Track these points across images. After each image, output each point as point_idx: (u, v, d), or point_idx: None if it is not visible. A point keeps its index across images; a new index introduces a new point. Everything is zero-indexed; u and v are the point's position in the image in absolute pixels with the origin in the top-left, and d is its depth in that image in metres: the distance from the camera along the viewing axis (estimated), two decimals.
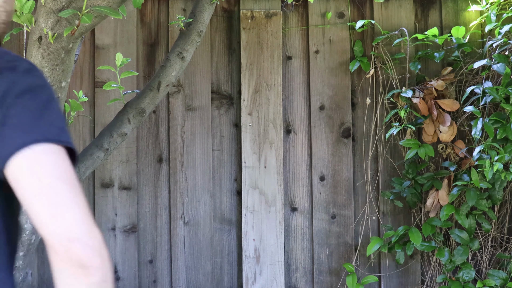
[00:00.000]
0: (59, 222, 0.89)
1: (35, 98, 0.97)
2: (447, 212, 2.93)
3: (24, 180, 0.90)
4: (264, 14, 3.11)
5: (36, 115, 0.94)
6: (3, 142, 0.92)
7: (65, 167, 0.93)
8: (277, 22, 3.11)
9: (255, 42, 3.09)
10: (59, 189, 0.91)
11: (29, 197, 0.90)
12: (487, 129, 2.73)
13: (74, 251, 0.89)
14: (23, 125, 0.92)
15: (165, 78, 2.24)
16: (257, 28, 3.11)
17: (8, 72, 0.98)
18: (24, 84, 0.97)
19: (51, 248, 0.90)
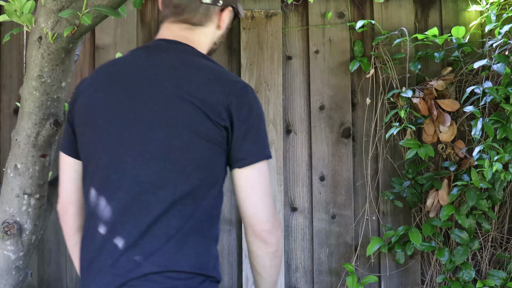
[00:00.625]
0: (266, 215, 1.46)
1: (262, 122, 1.47)
2: (447, 212, 2.93)
3: (252, 182, 1.45)
4: (264, 14, 3.11)
5: (263, 137, 1.47)
6: (250, 151, 1.45)
7: (268, 175, 1.48)
8: (277, 22, 3.11)
9: (255, 42, 3.09)
10: (267, 192, 1.47)
11: (251, 192, 1.45)
12: (487, 129, 2.73)
13: (263, 233, 1.47)
14: (261, 142, 1.46)
15: None
16: (257, 28, 3.11)
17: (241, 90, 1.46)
18: (256, 107, 1.46)
19: (251, 227, 1.48)
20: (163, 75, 1.46)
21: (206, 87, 1.44)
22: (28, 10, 1.69)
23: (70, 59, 1.80)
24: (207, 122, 1.42)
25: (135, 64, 1.51)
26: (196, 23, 1.55)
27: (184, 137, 1.41)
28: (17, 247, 1.95)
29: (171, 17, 1.56)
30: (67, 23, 1.69)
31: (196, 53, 1.54)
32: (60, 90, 1.83)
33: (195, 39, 1.55)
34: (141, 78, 1.47)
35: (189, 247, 1.41)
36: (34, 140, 1.86)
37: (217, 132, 1.42)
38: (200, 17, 1.55)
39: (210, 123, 1.42)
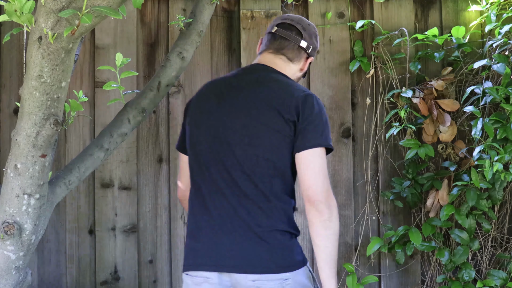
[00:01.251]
0: (320, 188, 1.83)
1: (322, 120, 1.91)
2: (447, 212, 2.93)
3: (314, 162, 1.85)
4: (264, 14, 3.11)
5: (321, 131, 1.88)
6: (308, 138, 1.86)
7: (325, 160, 1.87)
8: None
9: (255, 42, 3.09)
10: (324, 171, 1.85)
11: (313, 173, 1.84)
12: (487, 129, 2.73)
13: (321, 200, 1.82)
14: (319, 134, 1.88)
15: (165, 78, 2.24)
16: (257, 28, 3.11)
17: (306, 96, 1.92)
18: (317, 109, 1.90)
19: (307, 197, 1.84)
20: (251, 86, 1.96)
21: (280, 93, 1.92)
22: (28, 10, 1.69)
23: (70, 59, 1.80)
24: (279, 118, 1.89)
25: (232, 79, 2.03)
26: (289, 58, 2.06)
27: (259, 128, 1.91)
28: (17, 247, 1.95)
29: (272, 50, 2.07)
30: (67, 23, 1.69)
31: (280, 73, 2.02)
32: (60, 90, 1.83)
33: (283, 67, 2.05)
34: (234, 88, 1.98)
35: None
36: (34, 140, 1.86)
37: (287, 127, 1.88)
38: (294, 55, 2.06)
39: (281, 119, 1.88)
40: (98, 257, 3.06)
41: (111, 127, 2.18)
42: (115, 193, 3.07)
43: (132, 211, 3.07)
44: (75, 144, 3.06)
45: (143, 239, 3.07)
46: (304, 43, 2.06)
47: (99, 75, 3.06)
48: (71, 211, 3.05)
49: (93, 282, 3.05)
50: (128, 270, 3.06)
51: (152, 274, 3.08)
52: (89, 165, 2.13)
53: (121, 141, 2.19)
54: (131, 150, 3.07)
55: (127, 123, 2.18)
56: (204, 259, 1.85)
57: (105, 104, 3.03)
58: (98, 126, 3.05)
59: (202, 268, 1.84)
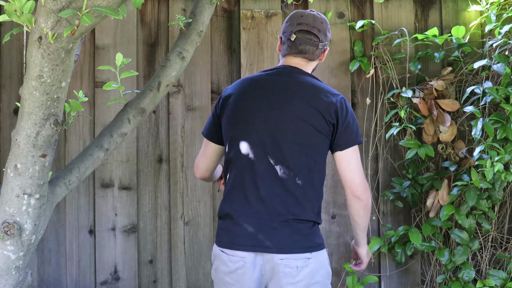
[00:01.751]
0: (358, 179, 2.18)
1: (355, 121, 2.21)
2: (447, 212, 2.93)
3: (354, 159, 2.18)
4: (264, 14, 3.11)
5: (355, 131, 2.20)
6: (348, 138, 2.18)
7: (359, 154, 2.22)
8: (277, 22, 3.11)
9: (255, 42, 3.09)
10: (359, 165, 2.19)
11: (350, 166, 2.18)
12: (487, 129, 2.73)
13: (358, 193, 2.19)
14: (354, 133, 2.19)
15: (165, 78, 2.24)
16: (257, 28, 3.11)
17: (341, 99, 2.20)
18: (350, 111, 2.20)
19: (349, 188, 2.19)
20: (294, 89, 2.21)
21: (321, 97, 2.18)
22: (28, 10, 1.69)
23: (70, 59, 1.80)
24: (322, 120, 2.16)
25: (270, 80, 2.25)
26: (310, 59, 2.29)
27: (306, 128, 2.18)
28: (17, 247, 1.95)
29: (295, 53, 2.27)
30: (67, 23, 1.69)
31: (309, 74, 2.28)
32: (60, 90, 1.83)
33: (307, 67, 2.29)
34: (278, 89, 2.21)
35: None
36: (34, 140, 1.86)
37: (327, 127, 2.17)
38: (314, 56, 2.29)
39: (324, 120, 2.16)
40: (98, 257, 3.06)
41: (111, 127, 2.18)
42: (115, 193, 3.06)
43: (132, 211, 3.07)
44: (75, 144, 3.06)
45: (143, 239, 3.07)
46: (322, 44, 2.28)
47: (99, 75, 3.06)
48: (71, 211, 3.05)
49: (93, 282, 3.05)
50: (128, 270, 3.06)
51: (152, 274, 3.08)
52: (89, 165, 2.13)
53: (121, 141, 2.19)
54: (131, 150, 3.07)
55: (127, 123, 2.18)
56: (242, 240, 2.11)
57: (105, 104, 3.03)
58: (98, 126, 3.05)
59: (239, 248, 2.11)
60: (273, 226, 2.11)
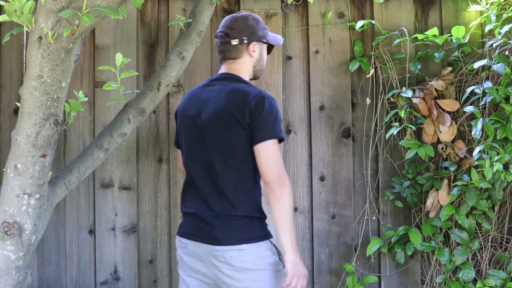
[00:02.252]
0: (274, 173, 2.24)
1: (271, 117, 2.28)
2: (447, 212, 2.93)
3: (266, 152, 2.26)
4: (264, 14, 3.11)
5: (270, 126, 2.27)
6: (259, 134, 2.27)
7: (277, 149, 2.28)
8: (277, 22, 3.11)
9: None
10: (274, 158, 2.26)
11: (265, 159, 2.26)
12: (487, 129, 2.73)
13: (274, 182, 2.24)
14: (268, 129, 2.27)
15: (165, 78, 2.24)
16: None
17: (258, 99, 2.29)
18: (267, 108, 2.28)
19: (264, 180, 2.27)
20: (217, 97, 2.37)
21: (237, 101, 2.32)
22: (28, 10, 1.69)
23: (70, 59, 1.80)
24: (237, 123, 2.30)
25: (202, 91, 2.45)
26: (234, 57, 2.40)
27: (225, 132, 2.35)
28: (17, 247, 1.95)
29: (221, 57, 2.44)
30: (67, 23, 1.70)
31: (237, 79, 2.41)
32: (60, 90, 1.83)
33: (238, 68, 2.43)
34: (205, 99, 2.42)
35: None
36: (34, 140, 1.86)
37: (243, 129, 2.31)
38: (235, 53, 2.40)
39: (239, 123, 2.30)
40: (98, 257, 3.06)
41: (111, 127, 2.18)
42: (115, 193, 3.06)
43: (132, 211, 3.07)
44: (75, 144, 3.06)
45: (143, 239, 3.07)
46: (235, 41, 2.41)
47: (99, 75, 3.06)
48: (71, 211, 3.05)
49: (93, 282, 3.05)
50: (128, 270, 3.06)
51: (152, 274, 3.08)
52: (89, 165, 2.13)
53: (121, 141, 2.19)
54: (131, 150, 3.07)
55: (127, 123, 2.18)
56: (186, 230, 2.42)
57: (105, 104, 3.03)
58: (98, 126, 3.05)
59: (185, 236, 2.41)
60: (210, 222, 2.35)
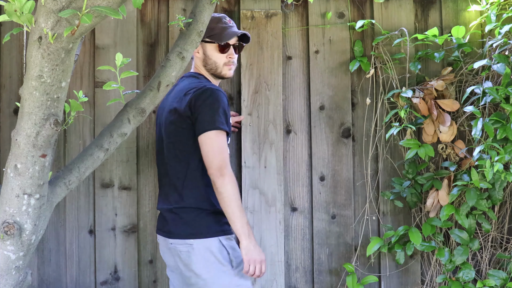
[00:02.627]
0: (214, 165, 2.37)
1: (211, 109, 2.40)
2: (447, 212, 2.93)
3: (206, 144, 2.39)
4: (264, 14, 3.11)
5: (210, 118, 2.39)
6: (200, 126, 2.40)
7: (219, 140, 2.39)
8: (277, 22, 3.11)
9: (255, 42, 3.09)
10: (216, 149, 2.38)
11: (206, 151, 2.39)
12: (487, 129, 2.73)
13: (215, 173, 2.36)
14: (207, 121, 2.39)
15: (165, 78, 2.24)
16: (257, 28, 3.11)
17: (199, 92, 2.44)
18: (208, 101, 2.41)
19: (210, 175, 2.38)
20: (171, 95, 2.59)
21: (182, 96, 2.48)
22: (28, 10, 1.69)
23: (70, 59, 1.80)
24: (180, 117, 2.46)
25: (170, 91, 2.63)
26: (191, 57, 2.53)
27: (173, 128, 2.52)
28: (17, 247, 1.96)
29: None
30: (67, 23, 1.70)
31: (194, 76, 2.60)
32: (60, 90, 1.83)
33: (196, 66, 2.66)
34: (166, 98, 2.63)
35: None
36: (34, 140, 1.86)
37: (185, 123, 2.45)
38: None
39: (181, 118, 2.46)
40: (98, 257, 3.06)
41: (111, 127, 2.18)
42: (115, 193, 3.07)
43: (132, 211, 3.07)
44: (75, 144, 3.06)
45: (143, 239, 3.07)
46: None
47: (99, 75, 3.06)
48: (71, 211, 3.05)
49: (93, 282, 3.05)
50: (128, 270, 3.06)
51: (152, 274, 3.08)
52: (89, 165, 2.13)
53: (121, 141, 2.19)
54: (131, 150, 3.07)
55: (127, 123, 2.18)
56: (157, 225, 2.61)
57: (105, 104, 3.03)
58: (98, 126, 3.05)
59: (156, 231, 2.61)
60: (165, 215, 2.51)
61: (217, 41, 2.59)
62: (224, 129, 2.40)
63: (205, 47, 2.61)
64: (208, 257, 2.41)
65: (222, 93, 2.45)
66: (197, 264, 2.42)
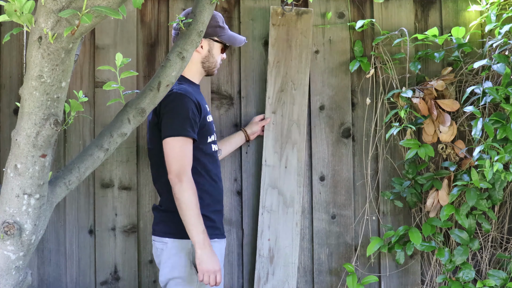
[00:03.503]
0: (173, 168, 2.43)
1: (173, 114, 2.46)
2: (447, 212, 2.93)
3: (165, 150, 2.46)
4: (295, 11, 3.07)
5: (170, 124, 2.45)
6: (163, 131, 2.46)
7: (179, 146, 2.44)
8: (308, 20, 3.07)
9: (283, 39, 3.05)
10: (174, 155, 2.43)
11: (166, 156, 2.45)
12: (487, 129, 2.73)
13: (173, 179, 2.42)
14: (167, 127, 2.45)
15: (165, 78, 2.24)
16: (287, 25, 3.06)
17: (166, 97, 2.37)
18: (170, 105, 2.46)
19: (170, 176, 2.43)
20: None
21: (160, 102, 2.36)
22: (28, 10, 1.69)
23: (70, 59, 1.80)
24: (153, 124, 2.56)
25: None
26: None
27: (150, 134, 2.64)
28: (17, 247, 1.96)
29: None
30: (67, 23, 1.70)
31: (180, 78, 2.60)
32: (60, 90, 1.83)
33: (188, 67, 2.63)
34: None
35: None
36: (34, 140, 1.86)
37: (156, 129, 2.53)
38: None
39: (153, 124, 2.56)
40: (98, 257, 3.06)
41: (111, 127, 2.18)
42: (115, 193, 3.06)
43: (132, 211, 3.07)
44: (75, 144, 3.06)
45: (143, 239, 3.07)
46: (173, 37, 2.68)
47: (99, 75, 3.06)
48: (71, 211, 3.05)
49: (93, 282, 3.05)
50: (128, 270, 3.06)
51: (152, 274, 3.08)
52: (89, 165, 2.13)
53: (121, 141, 2.19)
54: (131, 150, 3.07)
55: (127, 123, 2.18)
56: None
57: (105, 104, 3.03)
58: (98, 126, 3.05)
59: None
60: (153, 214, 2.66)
61: (229, 43, 2.68)
62: (185, 135, 2.44)
63: (212, 45, 2.64)
64: (179, 259, 2.49)
65: (188, 97, 2.48)
66: (166, 263, 2.51)
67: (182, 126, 2.44)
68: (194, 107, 2.49)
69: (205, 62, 2.65)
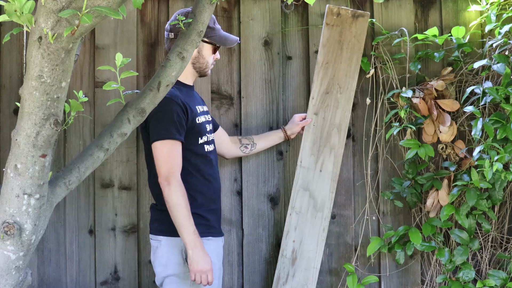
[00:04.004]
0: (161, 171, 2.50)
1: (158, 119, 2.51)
2: (447, 212, 2.93)
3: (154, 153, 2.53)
4: (351, 13, 3.01)
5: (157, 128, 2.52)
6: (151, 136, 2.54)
7: (166, 149, 2.50)
8: (363, 24, 3.02)
9: (336, 40, 3.02)
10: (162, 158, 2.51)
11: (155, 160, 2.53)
12: (487, 129, 2.73)
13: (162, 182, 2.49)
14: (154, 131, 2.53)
15: (165, 78, 2.23)
16: (341, 26, 3.01)
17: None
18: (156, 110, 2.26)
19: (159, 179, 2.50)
20: None
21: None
22: (28, 10, 1.69)
23: (70, 59, 1.80)
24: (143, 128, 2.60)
25: None
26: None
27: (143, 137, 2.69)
28: (17, 247, 1.96)
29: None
30: (67, 23, 1.70)
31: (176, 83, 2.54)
32: (60, 90, 1.83)
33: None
34: None
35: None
36: (34, 140, 1.86)
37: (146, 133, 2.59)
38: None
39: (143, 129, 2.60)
40: (98, 257, 3.06)
41: (111, 127, 2.18)
42: (115, 193, 3.07)
43: (132, 211, 3.07)
44: (75, 144, 3.06)
45: (143, 239, 3.07)
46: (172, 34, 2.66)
47: (99, 75, 3.06)
48: (71, 211, 3.05)
49: (93, 282, 3.05)
50: (128, 270, 3.06)
51: (152, 274, 3.08)
52: (89, 165, 2.13)
53: (121, 141, 2.19)
54: (131, 150, 3.07)
55: (127, 123, 2.18)
56: None
57: (105, 104, 3.03)
58: (98, 126, 3.05)
59: None
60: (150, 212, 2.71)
61: (219, 44, 2.70)
62: (171, 138, 2.49)
63: (202, 46, 2.67)
64: (172, 257, 2.54)
65: (173, 100, 2.51)
66: (160, 260, 2.55)
67: (168, 129, 2.49)
68: (180, 110, 2.53)
69: (195, 63, 2.67)
